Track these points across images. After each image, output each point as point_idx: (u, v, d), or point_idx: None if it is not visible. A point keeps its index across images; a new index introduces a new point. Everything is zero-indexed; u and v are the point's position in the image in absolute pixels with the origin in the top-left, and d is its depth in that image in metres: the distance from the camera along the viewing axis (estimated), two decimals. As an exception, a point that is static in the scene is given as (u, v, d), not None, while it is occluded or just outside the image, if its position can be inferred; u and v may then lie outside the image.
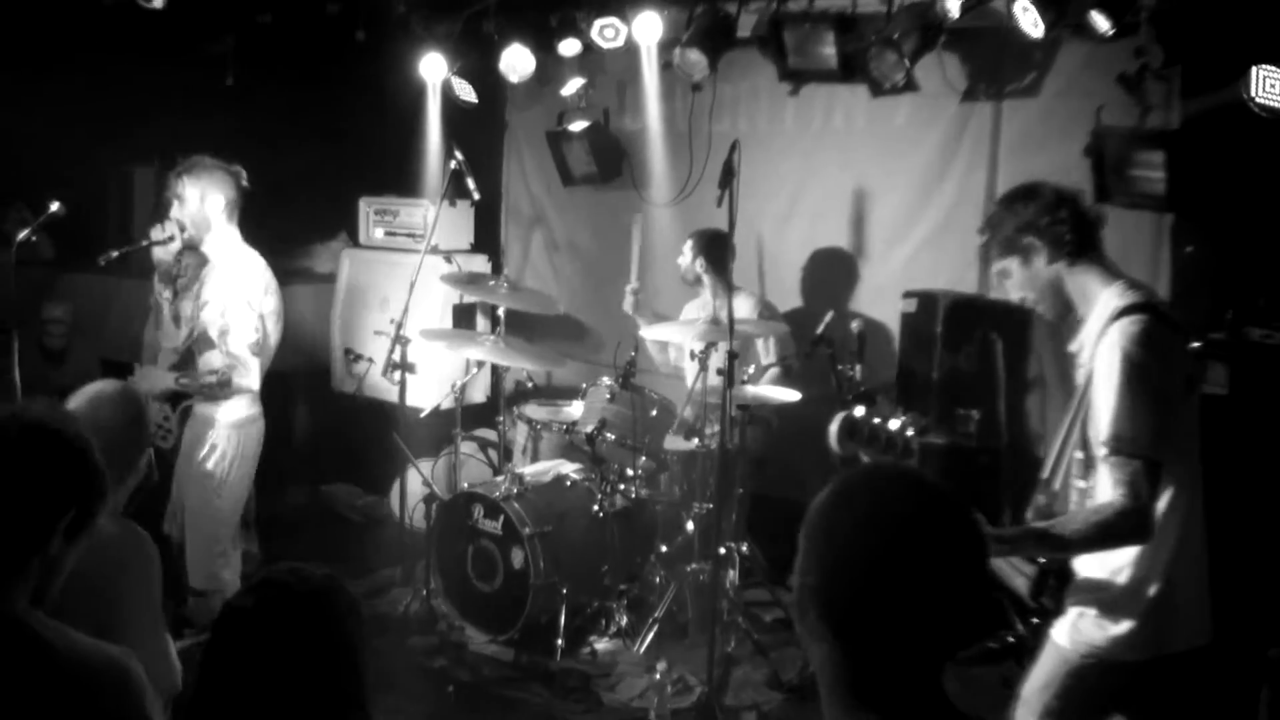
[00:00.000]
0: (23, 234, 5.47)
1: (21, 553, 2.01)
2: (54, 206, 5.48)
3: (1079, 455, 3.00)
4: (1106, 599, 2.94)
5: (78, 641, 2.03)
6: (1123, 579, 2.93)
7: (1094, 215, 3.07)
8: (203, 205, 4.66)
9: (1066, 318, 3.12)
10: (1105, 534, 2.77)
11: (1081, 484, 3.01)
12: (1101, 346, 2.85)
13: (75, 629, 2.12)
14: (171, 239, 4.79)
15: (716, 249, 5.57)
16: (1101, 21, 4.64)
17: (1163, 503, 2.83)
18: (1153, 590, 2.90)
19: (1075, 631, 2.97)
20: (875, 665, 1.52)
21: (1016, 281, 3.08)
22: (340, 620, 1.98)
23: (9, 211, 6.45)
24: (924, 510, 1.54)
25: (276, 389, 7.84)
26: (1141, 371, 2.75)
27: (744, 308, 5.61)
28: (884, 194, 6.03)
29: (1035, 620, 3.01)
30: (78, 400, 3.04)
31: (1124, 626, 2.92)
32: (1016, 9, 4.78)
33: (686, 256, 5.83)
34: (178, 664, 2.96)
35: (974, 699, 2.04)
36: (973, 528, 1.55)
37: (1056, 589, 2.94)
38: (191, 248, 4.77)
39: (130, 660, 2.08)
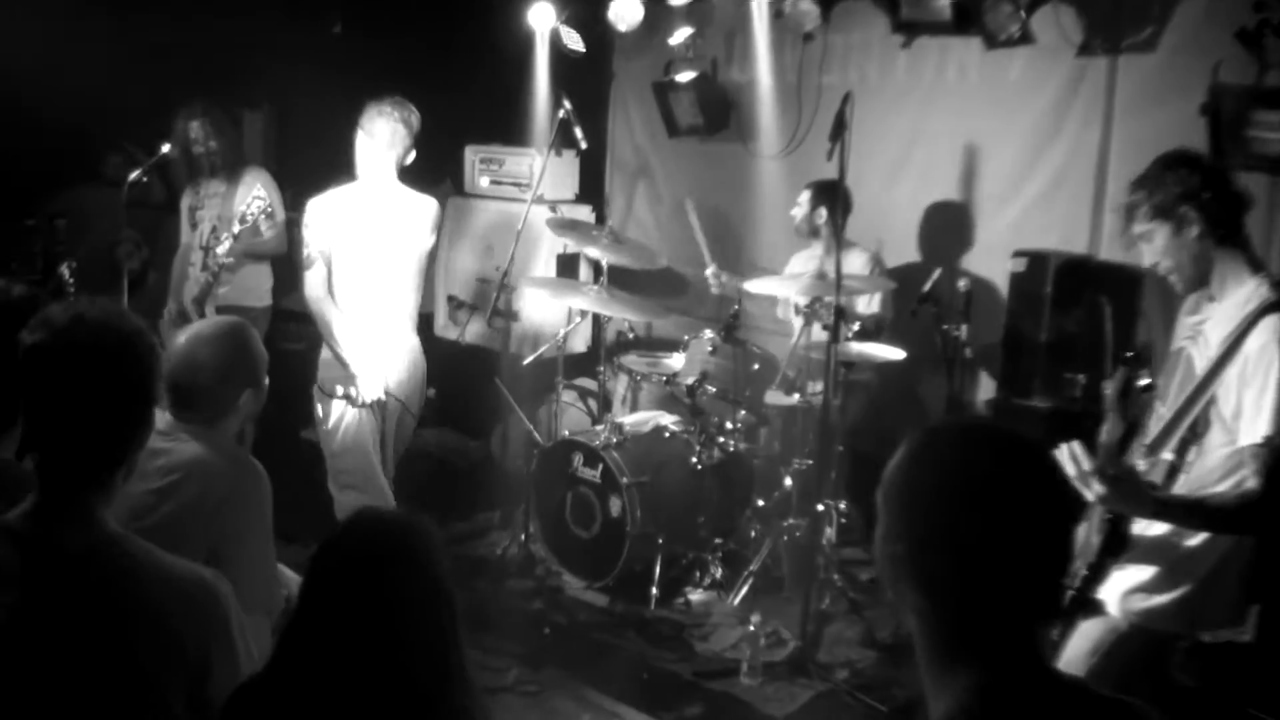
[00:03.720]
0: (133, 175, 5.59)
1: (113, 464, 2.03)
2: (164, 148, 5.58)
3: (1184, 431, 2.95)
4: (1161, 566, 2.96)
5: (164, 560, 2.06)
6: (1180, 549, 2.94)
7: (1247, 198, 3.02)
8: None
9: (1196, 291, 3.06)
10: (1246, 518, 2.77)
11: (1169, 457, 2.97)
12: (1253, 337, 2.82)
13: (184, 552, 2.17)
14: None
15: (836, 200, 5.51)
16: (1223, -26, 4.49)
17: None
18: (1206, 565, 2.94)
19: (1125, 599, 2.99)
20: (973, 627, 1.51)
21: (1159, 247, 3.01)
22: (426, 554, 2.00)
23: (112, 155, 6.56)
24: (1007, 464, 1.50)
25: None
26: None
27: (857, 263, 5.53)
28: (996, 150, 5.88)
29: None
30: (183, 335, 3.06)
31: (1170, 596, 2.96)
32: (1137, -41, 4.64)
33: (804, 207, 5.73)
34: (283, 587, 3.03)
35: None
36: (1055, 476, 1.52)
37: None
38: None
39: (218, 581, 2.12)
